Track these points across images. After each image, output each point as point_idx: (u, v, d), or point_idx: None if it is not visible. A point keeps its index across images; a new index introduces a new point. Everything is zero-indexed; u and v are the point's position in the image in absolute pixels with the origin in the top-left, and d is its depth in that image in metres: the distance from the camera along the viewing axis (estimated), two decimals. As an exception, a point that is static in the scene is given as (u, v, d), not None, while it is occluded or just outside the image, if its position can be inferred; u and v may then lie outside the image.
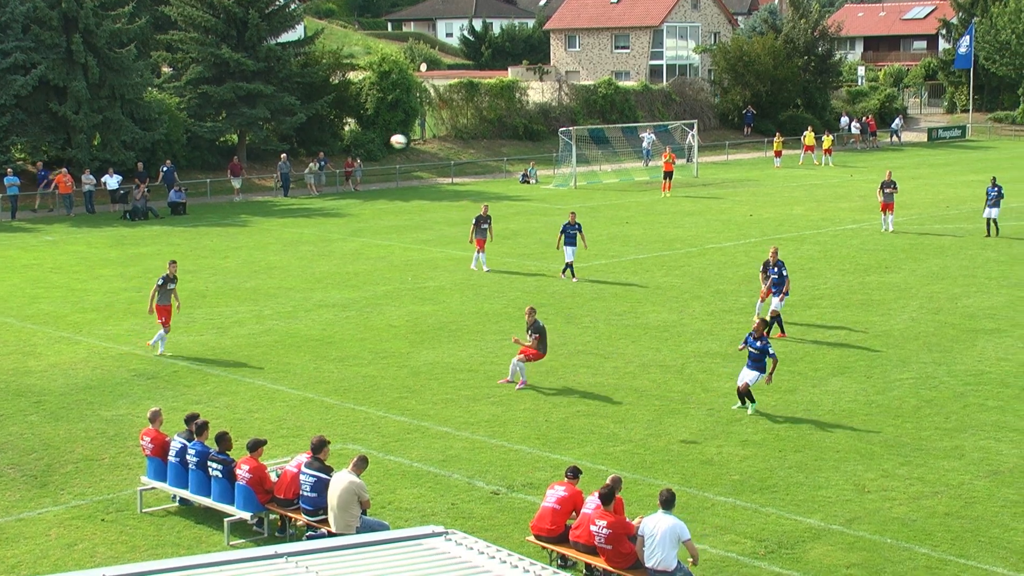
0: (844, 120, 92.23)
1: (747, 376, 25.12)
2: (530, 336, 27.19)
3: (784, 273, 32.16)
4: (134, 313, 34.77)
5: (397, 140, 26.40)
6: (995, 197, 46.10)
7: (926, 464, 21.98)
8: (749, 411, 24.89)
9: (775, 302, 31.90)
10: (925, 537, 18.74)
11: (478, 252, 41.55)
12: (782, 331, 31.39)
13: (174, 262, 31.57)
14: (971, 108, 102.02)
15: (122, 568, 11.12)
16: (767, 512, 19.82)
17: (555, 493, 17.91)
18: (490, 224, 41.97)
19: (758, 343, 24.94)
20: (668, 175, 63.30)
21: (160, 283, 30.44)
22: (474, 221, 41.76)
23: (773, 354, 24.98)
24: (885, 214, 48.14)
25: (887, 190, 47.69)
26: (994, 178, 47.46)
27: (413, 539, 12.27)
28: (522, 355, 27.18)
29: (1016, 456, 22.34)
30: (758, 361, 25.00)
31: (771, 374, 25.08)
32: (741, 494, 20.63)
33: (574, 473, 18.20)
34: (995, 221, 46.39)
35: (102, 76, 59.85)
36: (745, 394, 25.01)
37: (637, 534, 16.67)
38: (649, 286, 38.34)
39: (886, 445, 22.99)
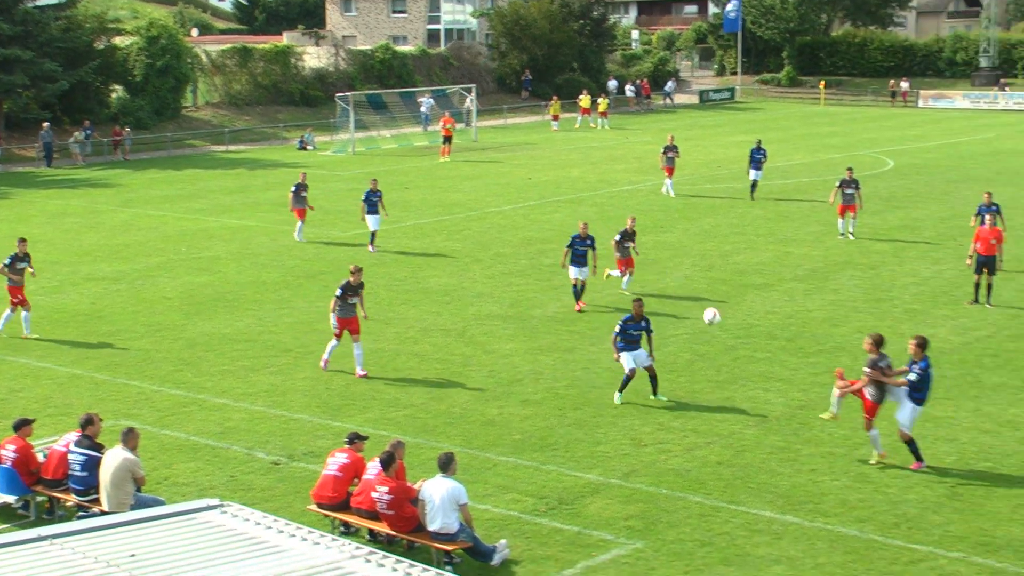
0: (612, 84, 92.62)
1: (639, 359, 23.58)
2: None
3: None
4: None
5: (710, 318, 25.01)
6: (759, 160, 47.14)
7: (699, 416, 22.64)
8: (663, 398, 23.59)
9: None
10: (699, 486, 19.32)
11: (300, 222, 40.50)
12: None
13: (23, 240, 30.17)
14: (740, 71, 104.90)
15: None
16: (548, 469, 20.14)
17: (336, 460, 17.84)
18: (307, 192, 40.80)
19: (642, 323, 23.61)
20: (447, 140, 63.42)
21: (8, 263, 29.12)
22: (293, 190, 40.70)
23: (652, 329, 23.99)
24: (668, 178, 48.52)
25: (670, 154, 48.27)
26: (759, 141, 48.70)
27: (187, 513, 12.06)
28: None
29: (782, 405, 23.19)
30: (636, 342, 23.77)
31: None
32: (522, 453, 20.91)
33: (354, 439, 18.15)
34: (756, 183, 47.26)
35: None
36: (653, 379, 23.63)
37: (419, 497, 16.74)
38: (429, 251, 38.43)
39: (661, 399, 23.55)
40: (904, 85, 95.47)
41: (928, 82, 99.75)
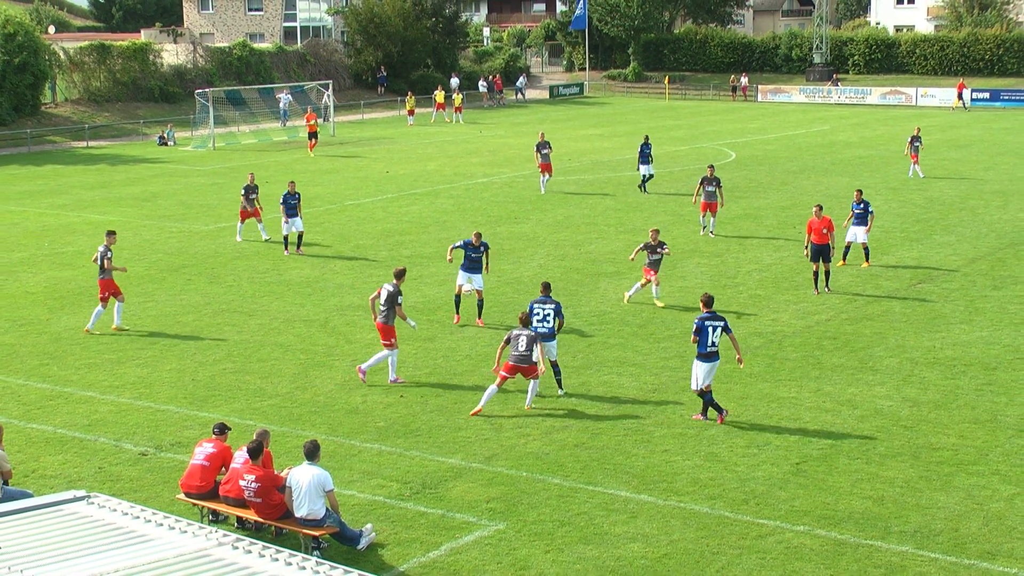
0: (454, 81, 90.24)
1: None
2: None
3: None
4: None
5: None
6: (647, 154, 46.87)
7: (557, 401, 22.77)
8: (560, 392, 23.24)
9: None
10: (557, 468, 19.44)
11: (240, 223, 38.68)
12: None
13: (112, 232, 28.80)
14: (587, 67, 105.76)
15: None
16: (412, 455, 20.09)
17: (203, 450, 17.58)
18: (258, 194, 38.74)
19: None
20: (312, 135, 62.87)
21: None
22: (242, 192, 38.53)
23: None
24: (544, 175, 47.36)
25: (544, 151, 47.24)
26: (646, 136, 48.31)
27: (54, 505, 11.82)
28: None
29: (635, 388, 23.45)
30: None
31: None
32: (387, 439, 20.83)
33: (221, 429, 17.92)
34: (648, 177, 47.18)
35: None
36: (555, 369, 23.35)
37: (285, 485, 16.59)
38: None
39: (520, 385, 23.62)
40: (744, 80, 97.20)
41: (766, 77, 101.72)
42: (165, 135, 68.59)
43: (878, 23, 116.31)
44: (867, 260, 33.66)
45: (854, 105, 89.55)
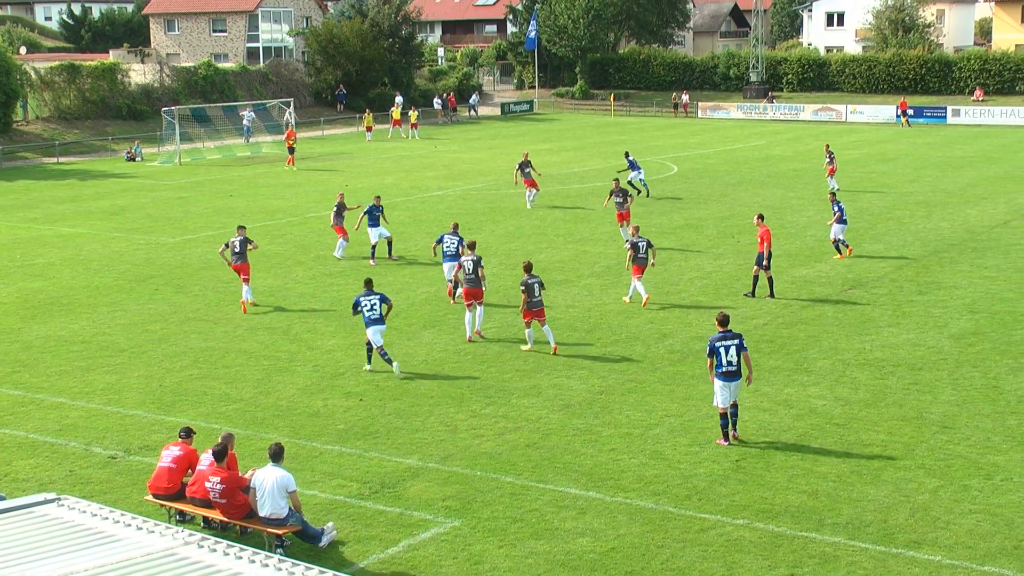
0: (399, 99, 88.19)
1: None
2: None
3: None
4: None
5: None
6: (634, 163, 48.42)
7: (509, 403, 22.76)
8: (397, 372, 24.42)
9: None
10: (510, 467, 19.43)
11: (341, 239, 37.39)
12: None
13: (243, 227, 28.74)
14: (537, 85, 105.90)
15: None
16: (371, 456, 20.02)
17: (170, 453, 17.46)
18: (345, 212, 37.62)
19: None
20: (292, 150, 62.71)
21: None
22: (334, 209, 37.37)
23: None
24: (529, 190, 46.80)
25: (526, 169, 46.90)
26: (626, 152, 48.64)
27: (24, 508, 11.67)
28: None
29: (583, 390, 23.47)
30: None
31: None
32: (347, 442, 20.74)
33: (187, 433, 17.81)
34: (643, 184, 48.51)
35: None
36: (380, 353, 24.63)
37: (250, 486, 16.49)
38: (255, 254, 37.73)
39: (474, 388, 23.65)
40: (685, 98, 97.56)
41: (706, 95, 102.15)
42: (133, 151, 68.06)
43: (810, 44, 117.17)
44: (841, 253, 36.01)
45: (788, 121, 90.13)
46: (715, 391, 20.38)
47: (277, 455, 16.50)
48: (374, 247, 36.37)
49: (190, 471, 17.33)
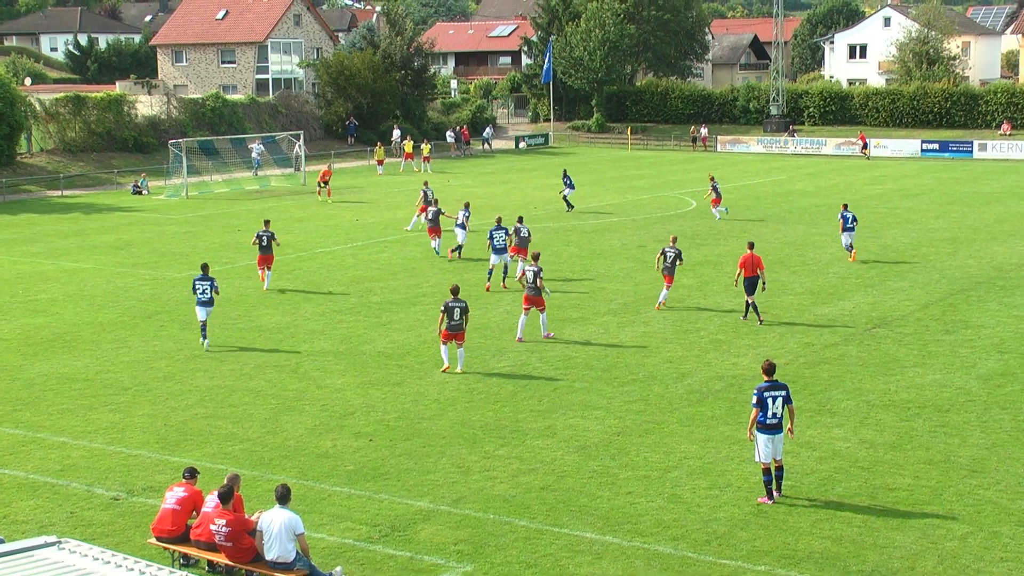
0: (397, 133, 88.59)
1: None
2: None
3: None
4: None
5: None
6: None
7: (523, 444, 22.68)
8: (205, 345, 29.09)
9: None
10: (524, 511, 19.34)
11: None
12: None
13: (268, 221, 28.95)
14: (552, 118, 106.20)
15: None
16: (380, 498, 19.95)
17: (174, 495, 17.41)
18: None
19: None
20: (325, 183, 62.99)
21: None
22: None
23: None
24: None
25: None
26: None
27: (24, 551, 11.62)
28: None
29: (600, 431, 23.39)
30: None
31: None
32: (356, 483, 20.68)
33: (192, 473, 17.77)
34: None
35: None
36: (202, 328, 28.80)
37: (256, 529, 16.43)
38: (262, 290, 37.87)
39: (487, 429, 23.59)
40: (703, 131, 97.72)
41: (725, 128, 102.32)
42: (139, 184, 68.35)
43: (832, 77, 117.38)
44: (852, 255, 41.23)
45: (810, 155, 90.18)
46: (757, 445, 19.68)
47: (284, 497, 16.45)
48: (491, 271, 38.37)
49: (195, 513, 17.28)
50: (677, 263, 34.03)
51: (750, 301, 32.53)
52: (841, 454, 21.89)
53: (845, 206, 42.94)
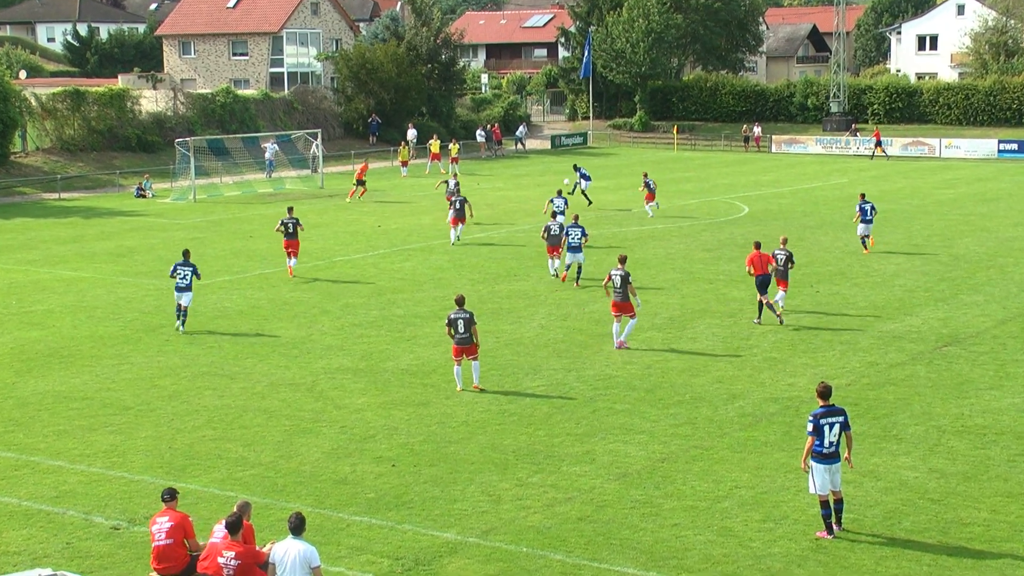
0: (411, 133, 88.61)
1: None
2: None
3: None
4: None
5: None
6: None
7: (559, 470, 22.67)
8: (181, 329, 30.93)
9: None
10: (560, 543, 19.31)
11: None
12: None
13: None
14: (591, 115, 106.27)
15: None
16: (404, 529, 19.97)
17: (161, 528, 17.11)
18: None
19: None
20: (361, 183, 64.33)
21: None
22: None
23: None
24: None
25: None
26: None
27: (18, 584, 11.70)
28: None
29: (643, 458, 23.35)
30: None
31: None
32: (377, 512, 20.71)
33: (172, 495, 17.44)
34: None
35: None
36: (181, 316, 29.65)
37: (268, 562, 16.44)
38: (276, 301, 38.03)
39: (520, 454, 23.58)
40: (757, 130, 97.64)
41: (780, 127, 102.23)
42: (143, 186, 68.76)
43: (898, 70, 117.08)
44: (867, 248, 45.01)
45: (875, 156, 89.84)
46: (812, 476, 19.58)
47: (298, 527, 16.44)
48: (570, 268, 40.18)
49: (186, 542, 17.22)
50: (789, 265, 34.88)
51: (765, 301, 33.92)
52: (909, 485, 21.77)
53: (863, 196, 46.48)
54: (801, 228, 52.60)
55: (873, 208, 45.81)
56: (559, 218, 46.21)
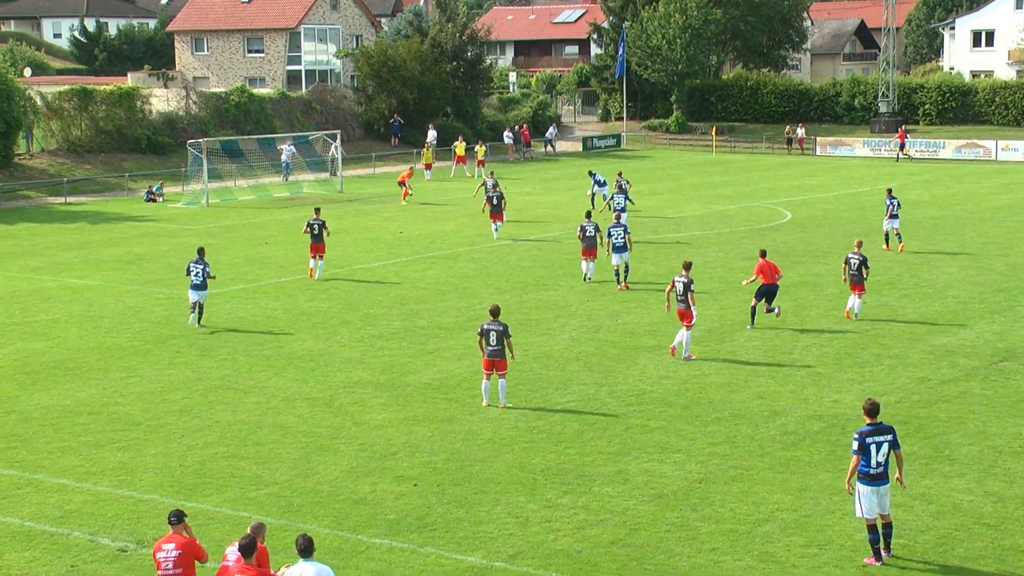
0: (431, 134, 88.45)
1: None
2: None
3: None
4: None
5: None
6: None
7: (590, 491, 22.64)
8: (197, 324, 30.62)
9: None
10: (591, 568, 19.28)
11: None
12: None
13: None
14: (625, 116, 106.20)
15: None
16: (426, 552, 19.97)
17: (168, 556, 16.87)
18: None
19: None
20: (404, 184, 65.19)
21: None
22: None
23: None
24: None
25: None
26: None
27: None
28: None
29: (679, 478, 23.30)
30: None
31: None
32: (398, 534, 20.72)
33: (179, 518, 17.27)
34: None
35: None
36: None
37: (283, 586, 16.44)
38: (293, 312, 38.12)
39: (549, 473, 23.56)
40: (800, 131, 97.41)
41: (825, 128, 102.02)
42: (153, 190, 69.04)
43: (952, 68, 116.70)
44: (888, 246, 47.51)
45: (925, 160, 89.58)
46: (857, 498, 19.43)
47: (307, 549, 16.35)
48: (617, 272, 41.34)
49: (197, 562, 17.20)
50: (864, 270, 35.68)
51: (756, 305, 35.03)
52: (963, 509, 21.66)
53: (889, 191, 48.87)
54: (847, 235, 52.37)
55: (899, 204, 48.36)
56: (623, 216, 49.02)
